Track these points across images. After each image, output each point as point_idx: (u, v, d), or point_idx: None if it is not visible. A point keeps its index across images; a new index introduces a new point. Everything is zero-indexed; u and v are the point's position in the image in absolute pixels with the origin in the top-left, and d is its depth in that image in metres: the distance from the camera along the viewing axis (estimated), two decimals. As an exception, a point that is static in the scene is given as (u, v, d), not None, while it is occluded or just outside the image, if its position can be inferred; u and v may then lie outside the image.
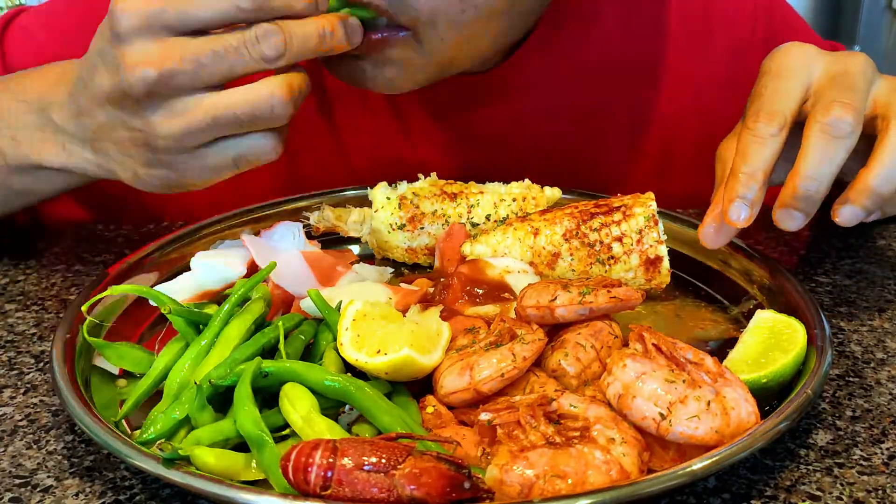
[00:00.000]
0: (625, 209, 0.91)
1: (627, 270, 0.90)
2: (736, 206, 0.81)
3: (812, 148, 0.80)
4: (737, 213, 0.81)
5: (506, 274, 0.87)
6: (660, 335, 0.72)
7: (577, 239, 0.90)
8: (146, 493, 0.67)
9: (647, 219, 0.90)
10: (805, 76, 0.84)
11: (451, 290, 0.87)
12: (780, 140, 0.82)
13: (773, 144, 0.82)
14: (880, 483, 0.68)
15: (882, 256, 1.05)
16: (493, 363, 0.72)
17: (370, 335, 0.74)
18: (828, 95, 0.81)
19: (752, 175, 0.81)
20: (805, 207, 0.81)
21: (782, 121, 0.82)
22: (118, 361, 0.77)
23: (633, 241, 0.90)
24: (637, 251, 0.90)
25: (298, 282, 0.88)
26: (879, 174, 0.81)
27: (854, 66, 0.84)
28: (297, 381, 0.70)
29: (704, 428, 0.65)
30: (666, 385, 0.67)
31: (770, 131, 0.82)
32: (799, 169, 0.80)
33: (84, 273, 1.01)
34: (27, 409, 0.77)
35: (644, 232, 0.90)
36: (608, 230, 0.90)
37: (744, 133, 0.83)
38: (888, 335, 0.88)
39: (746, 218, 0.82)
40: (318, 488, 0.61)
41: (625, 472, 0.63)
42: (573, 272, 0.90)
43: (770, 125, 0.82)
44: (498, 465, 0.63)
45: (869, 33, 3.25)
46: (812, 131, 0.80)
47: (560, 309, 0.76)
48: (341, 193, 1.08)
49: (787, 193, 0.81)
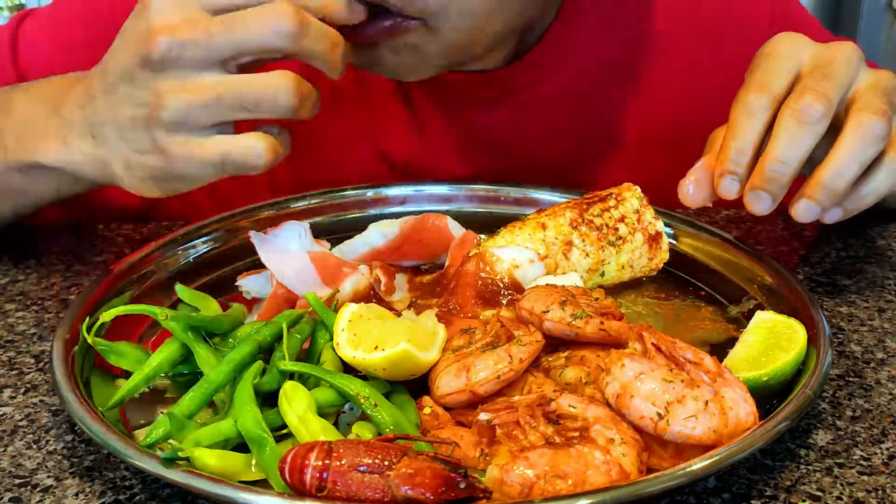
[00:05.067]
0: (616, 196, 0.94)
1: (634, 250, 0.93)
2: (727, 182, 0.85)
3: (782, 132, 0.83)
4: (727, 189, 0.85)
5: (514, 269, 0.87)
6: (659, 334, 0.72)
7: (584, 225, 0.91)
8: (146, 493, 0.67)
9: (639, 200, 0.94)
10: (795, 60, 0.87)
11: (459, 291, 0.86)
12: (768, 113, 0.85)
13: (762, 117, 0.85)
14: (880, 483, 0.68)
15: (882, 256, 1.05)
16: (490, 364, 0.71)
17: (367, 334, 0.74)
18: (805, 82, 0.84)
19: (741, 149, 0.84)
20: (773, 189, 0.83)
21: (771, 96, 0.85)
22: (118, 361, 0.77)
23: (633, 220, 0.93)
24: (640, 229, 0.93)
25: (303, 282, 0.88)
26: (832, 170, 0.83)
27: (839, 56, 0.86)
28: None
29: (702, 428, 0.65)
30: (664, 385, 0.67)
31: (760, 104, 0.85)
32: (768, 152, 0.83)
33: (84, 273, 1.01)
34: (27, 409, 0.77)
35: (640, 212, 0.93)
36: (609, 214, 0.93)
37: (734, 107, 0.86)
38: (888, 335, 0.88)
39: (738, 191, 0.85)
40: (314, 489, 0.61)
41: (624, 473, 0.63)
42: (588, 258, 0.91)
43: (759, 99, 0.85)
44: (498, 464, 0.63)
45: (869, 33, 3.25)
46: (784, 116, 0.83)
47: (548, 322, 0.76)
48: (341, 193, 1.08)
49: (756, 175, 0.84)
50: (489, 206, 1.10)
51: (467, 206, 1.10)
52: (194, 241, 0.98)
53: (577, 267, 0.91)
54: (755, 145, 0.84)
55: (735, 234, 0.99)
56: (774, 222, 1.14)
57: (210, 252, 0.98)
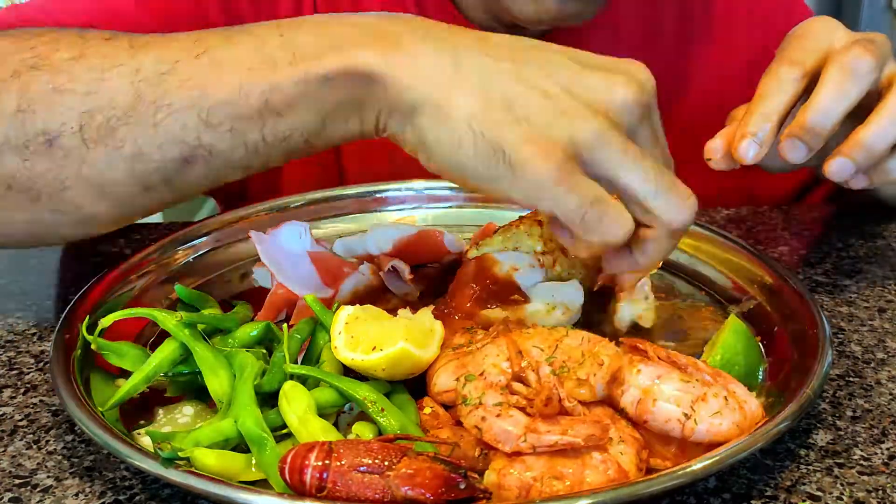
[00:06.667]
0: None
1: None
2: (745, 144, 0.83)
3: (828, 83, 0.82)
4: (745, 150, 0.83)
5: (513, 272, 0.87)
6: (650, 344, 0.71)
7: None
8: (146, 493, 0.67)
9: None
10: (827, 38, 0.86)
11: (458, 292, 0.86)
12: (798, 86, 0.84)
13: (791, 89, 0.84)
14: (880, 483, 0.68)
15: (882, 256, 1.05)
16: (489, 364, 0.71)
17: (364, 335, 0.73)
18: (850, 43, 0.84)
19: (767, 115, 0.83)
20: (810, 140, 0.82)
21: (802, 69, 0.84)
22: (118, 361, 0.77)
23: None
24: None
25: (303, 282, 0.88)
26: (876, 130, 0.83)
27: (876, 37, 0.86)
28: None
29: (727, 424, 0.65)
30: (684, 385, 0.67)
31: (791, 75, 0.84)
32: (811, 102, 0.82)
33: (84, 273, 1.01)
34: (27, 409, 0.77)
35: None
36: None
37: (763, 78, 0.85)
38: (888, 335, 0.88)
39: (755, 155, 0.83)
40: (314, 489, 0.61)
41: (622, 471, 0.63)
42: None
43: (791, 71, 0.84)
44: (495, 468, 0.63)
45: (869, 33, 3.25)
46: (830, 68, 0.82)
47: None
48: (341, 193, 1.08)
49: (796, 123, 0.83)
50: (489, 206, 1.09)
51: (467, 206, 1.10)
52: (194, 242, 0.98)
53: (577, 263, 0.90)
54: (780, 114, 0.83)
55: (735, 234, 0.99)
56: (774, 222, 1.14)
57: (210, 252, 0.98)
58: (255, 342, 0.78)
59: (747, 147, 0.83)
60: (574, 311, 0.85)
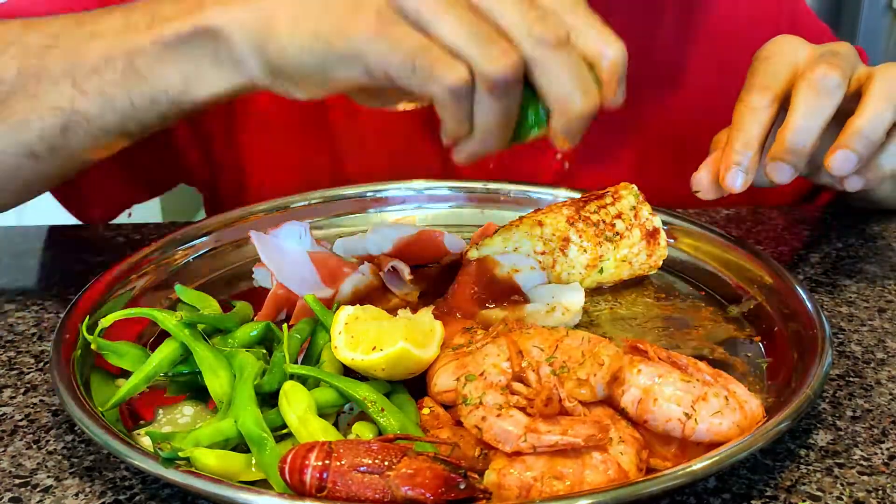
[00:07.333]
0: (612, 194, 0.95)
1: (632, 246, 0.93)
2: (732, 174, 0.86)
3: (801, 103, 0.84)
4: (732, 180, 0.86)
5: (514, 273, 0.87)
6: (650, 344, 0.71)
7: (581, 222, 0.92)
8: (146, 493, 0.67)
9: (635, 197, 0.94)
10: (793, 58, 0.89)
11: (458, 292, 0.86)
12: (771, 111, 0.87)
13: (765, 114, 0.87)
14: (880, 483, 0.68)
15: (882, 256, 1.05)
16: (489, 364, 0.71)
17: (364, 335, 0.74)
18: (816, 60, 0.86)
19: (747, 143, 0.86)
20: (794, 160, 0.85)
21: (772, 94, 0.87)
22: (118, 361, 0.77)
23: (630, 216, 0.93)
24: (637, 225, 0.93)
25: (303, 282, 0.88)
26: (869, 117, 0.84)
27: (839, 47, 0.89)
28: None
29: (728, 423, 0.65)
30: (684, 385, 0.67)
31: (762, 103, 0.87)
32: (788, 123, 0.84)
33: (84, 273, 1.01)
34: (27, 409, 0.77)
35: (637, 208, 0.94)
36: (606, 210, 0.93)
37: (737, 107, 0.88)
38: (888, 335, 0.88)
39: (742, 184, 0.86)
40: (314, 489, 0.61)
41: (622, 471, 0.63)
42: (586, 254, 0.91)
43: (762, 98, 0.87)
44: (495, 468, 0.63)
45: (869, 33, 3.25)
46: (800, 88, 0.85)
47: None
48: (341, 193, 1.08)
49: (776, 147, 0.85)
50: (489, 206, 1.10)
51: (467, 206, 1.10)
52: (194, 242, 0.98)
53: (576, 263, 0.91)
54: (760, 140, 0.86)
55: (735, 234, 0.99)
56: (774, 222, 1.14)
57: (210, 252, 0.98)
58: (255, 342, 0.79)
59: (734, 176, 0.86)
60: (574, 311, 0.86)
